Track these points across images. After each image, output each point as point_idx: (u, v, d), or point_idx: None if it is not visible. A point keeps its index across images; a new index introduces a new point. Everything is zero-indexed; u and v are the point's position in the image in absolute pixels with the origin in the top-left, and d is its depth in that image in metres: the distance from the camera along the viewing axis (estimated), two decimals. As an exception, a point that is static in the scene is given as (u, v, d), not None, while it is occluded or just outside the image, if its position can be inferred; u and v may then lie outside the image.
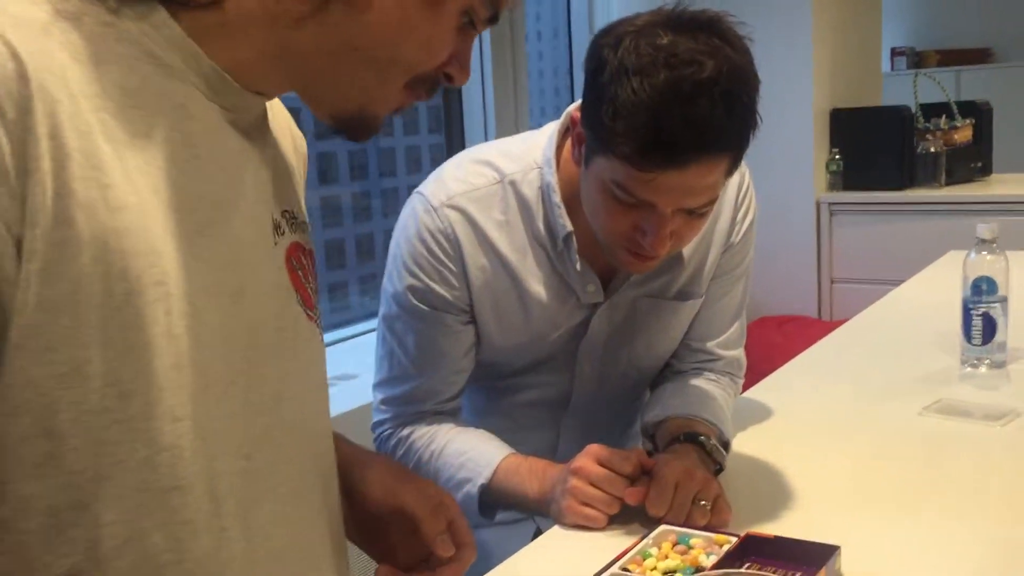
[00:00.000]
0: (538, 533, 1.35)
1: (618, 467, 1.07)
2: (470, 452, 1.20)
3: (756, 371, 3.18)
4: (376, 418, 1.29)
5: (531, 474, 1.15)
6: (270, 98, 0.73)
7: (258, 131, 0.71)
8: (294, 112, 0.83)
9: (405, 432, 1.25)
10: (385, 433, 1.28)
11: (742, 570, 0.86)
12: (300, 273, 0.74)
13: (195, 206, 0.64)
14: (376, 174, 3.24)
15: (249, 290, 0.67)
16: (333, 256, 3.08)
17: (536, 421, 1.34)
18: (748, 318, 1.38)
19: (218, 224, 0.65)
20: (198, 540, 0.63)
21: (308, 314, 0.75)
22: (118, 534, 0.60)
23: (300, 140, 0.83)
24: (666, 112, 0.97)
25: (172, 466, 0.61)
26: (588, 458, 1.08)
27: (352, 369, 2.31)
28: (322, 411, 0.79)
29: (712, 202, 1.08)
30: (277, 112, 0.78)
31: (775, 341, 3.28)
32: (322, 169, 3.39)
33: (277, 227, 0.72)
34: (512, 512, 1.38)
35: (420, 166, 3.30)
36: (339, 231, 3.04)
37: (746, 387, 1.47)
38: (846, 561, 0.94)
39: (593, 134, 1.05)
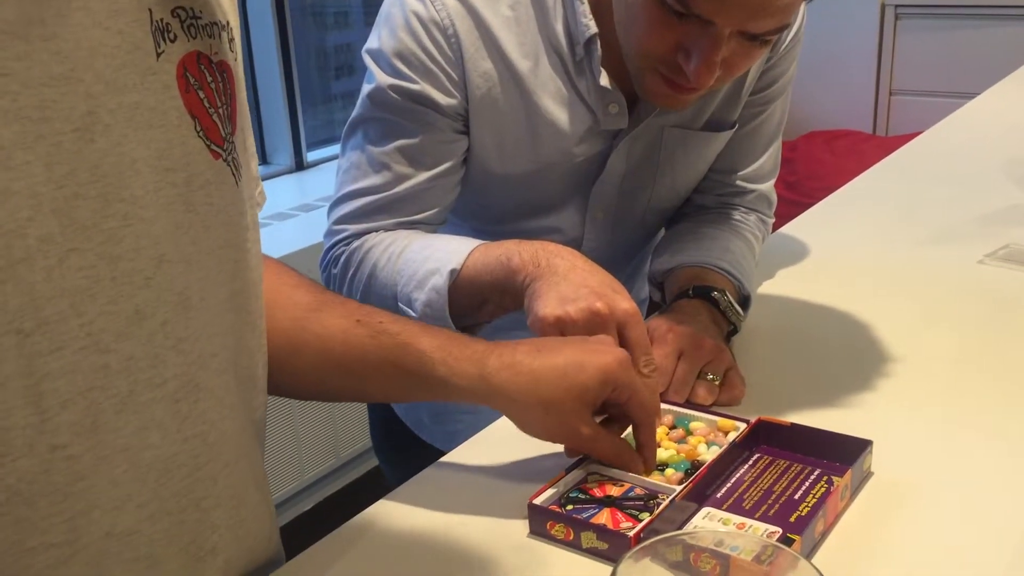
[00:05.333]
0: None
1: (635, 356, 0.78)
2: (438, 243, 0.94)
3: (801, 189, 2.99)
4: (327, 243, 1.02)
5: (521, 243, 0.88)
6: None
7: None
8: None
9: (356, 243, 0.98)
10: (334, 256, 1.00)
11: (688, 530, 0.66)
12: (201, 93, 0.55)
13: None
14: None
15: (105, 119, 0.49)
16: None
17: None
18: (795, 132, 1.16)
19: (43, 22, 0.47)
20: (15, 466, 0.48)
21: (213, 149, 0.56)
22: None
23: None
24: None
25: None
26: (607, 314, 0.78)
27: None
28: (226, 278, 0.60)
29: (782, 28, 0.85)
30: None
31: (823, 158, 3.04)
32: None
33: (162, 30, 0.53)
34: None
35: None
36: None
37: (783, 214, 1.25)
38: (879, 459, 0.77)
39: None
